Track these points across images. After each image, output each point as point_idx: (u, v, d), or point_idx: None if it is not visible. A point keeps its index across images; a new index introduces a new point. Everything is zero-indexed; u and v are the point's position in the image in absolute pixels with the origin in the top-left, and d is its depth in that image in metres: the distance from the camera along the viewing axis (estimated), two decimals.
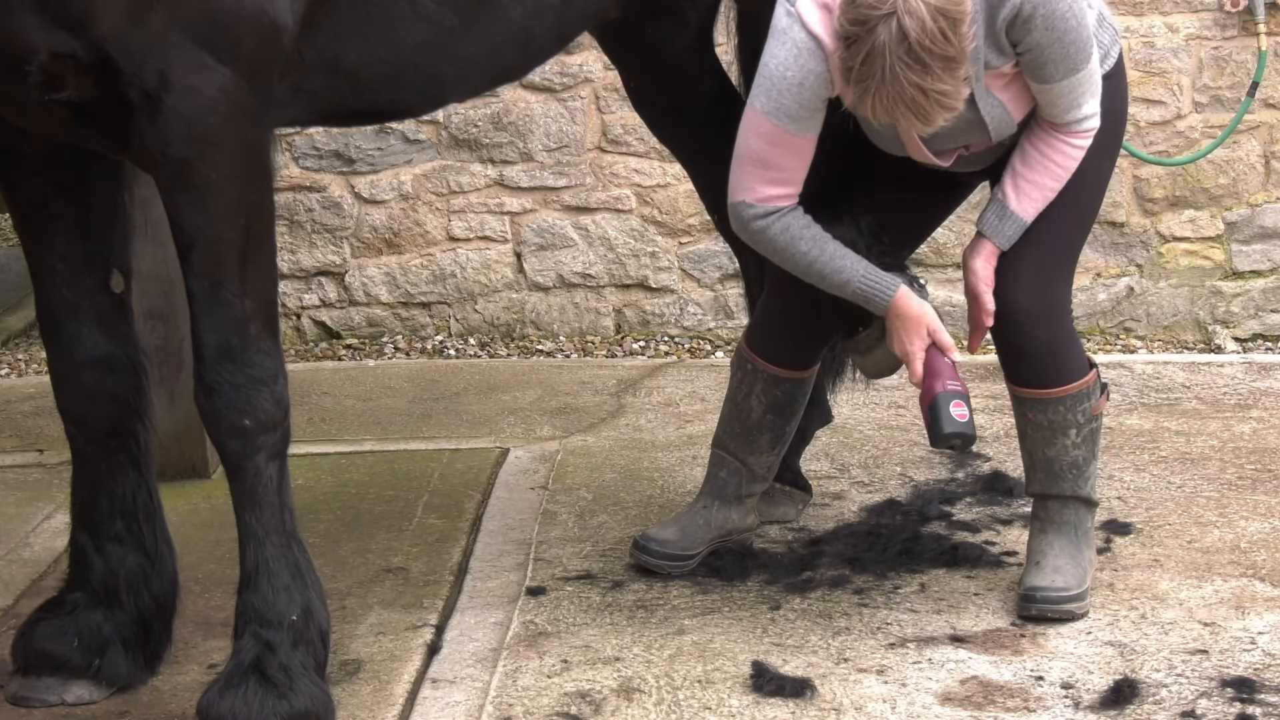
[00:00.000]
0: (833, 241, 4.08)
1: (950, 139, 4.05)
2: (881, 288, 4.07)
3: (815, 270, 4.09)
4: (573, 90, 6.86)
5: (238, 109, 3.47)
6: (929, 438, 4.15)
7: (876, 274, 4.07)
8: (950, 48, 3.69)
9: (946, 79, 3.71)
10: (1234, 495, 4.97)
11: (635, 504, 5.04)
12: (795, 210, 4.06)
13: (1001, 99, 3.99)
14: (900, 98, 3.71)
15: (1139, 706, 3.77)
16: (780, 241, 4.07)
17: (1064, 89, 3.96)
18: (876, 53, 3.68)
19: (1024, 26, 3.87)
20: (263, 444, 3.63)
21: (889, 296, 4.07)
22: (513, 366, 6.63)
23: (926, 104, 3.72)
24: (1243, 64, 6.72)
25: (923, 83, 3.69)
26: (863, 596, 4.36)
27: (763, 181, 4.03)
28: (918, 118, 3.76)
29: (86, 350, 3.86)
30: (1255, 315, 6.89)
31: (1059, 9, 3.86)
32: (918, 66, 3.67)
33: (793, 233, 4.06)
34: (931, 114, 3.75)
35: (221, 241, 3.52)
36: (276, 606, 3.67)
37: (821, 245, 4.06)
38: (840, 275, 4.08)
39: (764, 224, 4.06)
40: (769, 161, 4.02)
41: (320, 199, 6.91)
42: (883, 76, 3.69)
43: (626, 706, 3.84)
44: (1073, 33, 3.89)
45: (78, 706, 3.89)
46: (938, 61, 3.68)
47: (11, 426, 5.94)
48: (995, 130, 4.04)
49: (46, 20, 3.32)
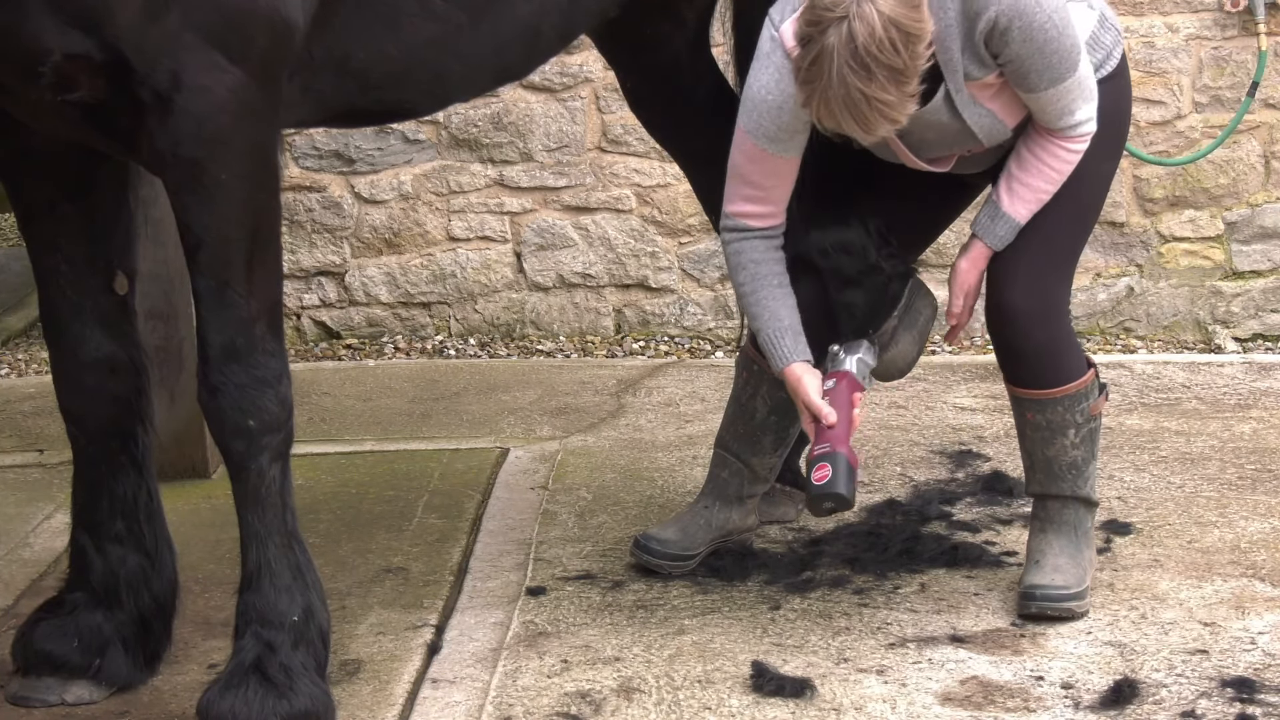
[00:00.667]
0: (774, 290, 4.12)
1: (941, 147, 4.06)
2: (774, 357, 4.13)
3: (742, 304, 4.22)
4: (573, 90, 6.86)
5: (248, 109, 3.47)
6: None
7: (784, 340, 4.11)
8: (898, 59, 3.68)
9: (890, 90, 3.70)
10: (1234, 495, 4.97)
11: (635, 504, 5.04)
12: (761, 239, 4.12)
13: (991, 108, 3.99)
14: (843, 102, 3.71)
15: (1139, 706, 3.77)
16: (730, 261, 4.18)
17: (1050, 97, 3.95)
18: (824, 55, 3.69)
19: (1001, 38, 3.86)
20: (266, 444, 3.64)
21: (780, 365, 4.13)
22: (513, 366, 6.64)
23: (868, 111, 3.72)
24: (1243, 64, 6.72)
25: (865, 89, 3.68)
26: (863, 596, 4.36)
27: (740, 197, 4.12)
28: (859, 124, 3.76)
29: (89, 351, 3.86)
30: (1255, 315, 6.89)
31: (1036, 20, 3.84)
32: (862, 72, 3.67)
33: (740, 259, 4.14)
34: (872, 122, 3.74)
35: (229, 242, 3.53)
36: (278, 607, 3.67)
37: (756, 284, 4.13)
38: (756, 320, 4.17)
39: (728, 238, 4.16)
40: (748, 179, 4.09)
41: (320, 199, 6.91)
42: (828, 79, 3.70)
43: (626, 706, 3.84)
44: (1053, 43, 3.87)
45: (78, 706, 3.89)
46: (883, 70, 3.67)
47: (11, 426, 5.94)
48: (987, 138, 4.04)
49: (61, 21, 3.32)
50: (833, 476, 3.97)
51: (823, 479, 3.98)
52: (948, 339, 4.34)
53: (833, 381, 4.11)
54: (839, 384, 4.11)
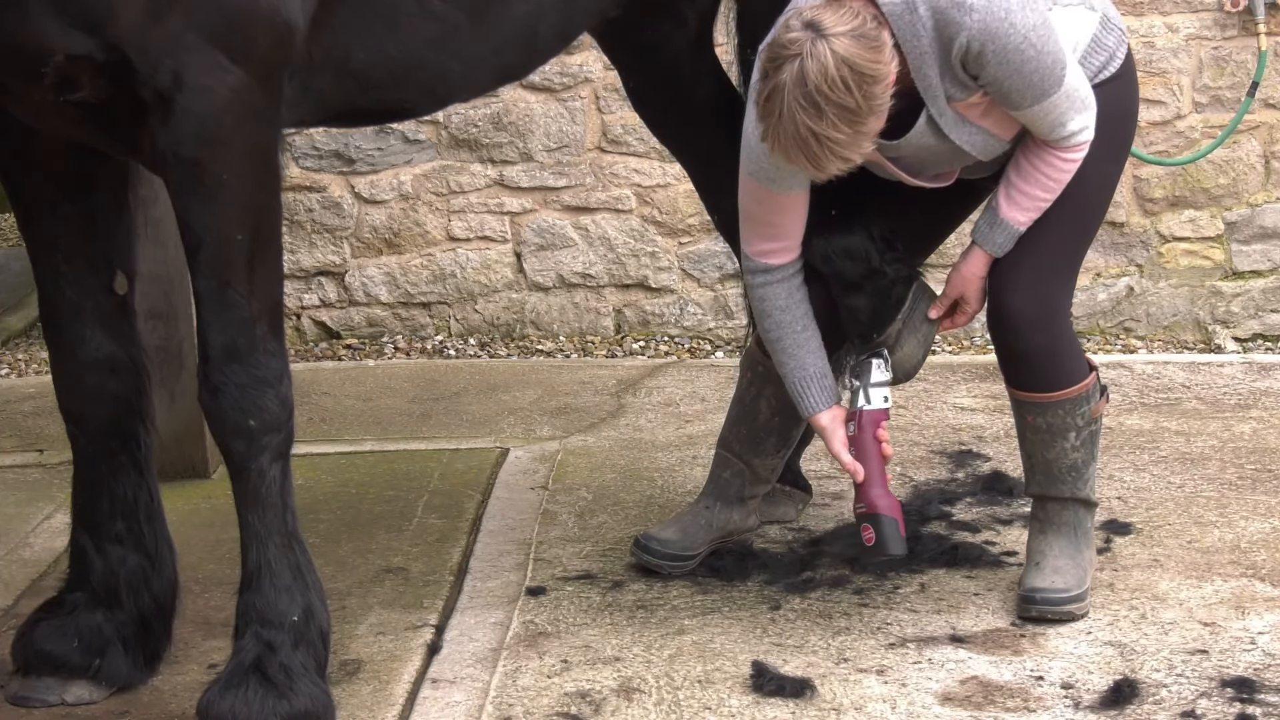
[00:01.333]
0: (798, 336, 4.17)
1: (938, 165, 4.06)
2: (802, 404, 4.19)
3: (769, 349, 4.25)
4: (573, 90, 6.86)
5: (250, 109, 3.48)
6: None
7: (810, 388, 4.17)
8: (849, 99, 3.68)
9: (842, 128, 3.70)
10: (1234, 495, 4.97)
11: (635, 504, 5.04)
12: (784, 282, 4.16)
13: (983, 125, 3.97)
14: (793, 138, 3.72)
15: (1139, 706, 3.77)
16: (757, 307, 4.23)
17: (1037, 113, 3.92)
18: (777, 91, 3.71)
19: (976, 62, 3.84)
20: (267, 445, 3.64)
21: (806, 414, 4.20)
22: (513, 366, 6.64)
23: (819, 149, 3.72)
24: (1243, 64, 6.73)
25: (815, 127, 3.68)
26: (863, 596, 4.36)
27: (756, 236, 4.15)
28: (810, 162, 3.76)
29: (89, 351, 3.86)
30: (1255, 315, 6.89)
31: (1010, 43, 3.80)
32: (812, 110, 3.68)
33: (765, 306, 4.19)
34: (823, 161, 3.75)
35: (230, 242, 3.53)
36: (278, 607, 3.67)
37: (782, 332, 4.18)
38: (782, 368, 4.21)
39: (753, 281, 4.21)
40: (760, 219, 4.13)
41: (320, 199, 6.91)
42: (780, 115, 3.71)
43: (626, 706, 3.84)
44: (1031, 63, 3.83)
45: (78, 706, 3.89)
46: (833, 109, 3.68)
47: (11, 426, 5.94)
48: (982, 153, 4.03)
49: (65, 22, 3.32)
50: (878, 540, 4.13)
51: (870, 541, 4.14)
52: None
53: (853, 426, 4.16)
54: (861, 425, 4.16)
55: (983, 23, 3.79)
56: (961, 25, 3.79)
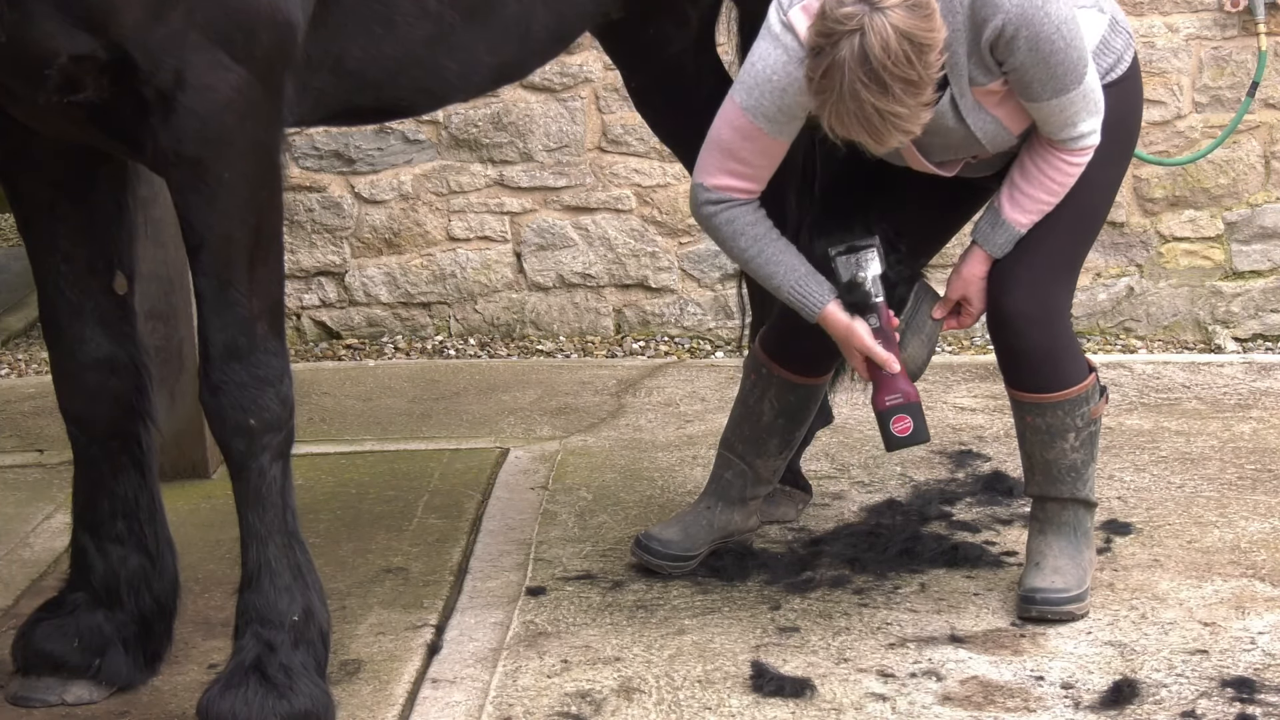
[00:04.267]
0: (776, 244, 4.08)
1: (947, 151, 4.05)
2: (810, 301, 4.09)
3: (752, 269, 4.12)
4: (573, 90, 6.86)
5: (251, 108, 3.48)
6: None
7: (808, 286, 4.08)
8: (912, 71, 3.66)
9: (906, 101, 3.68)
10: (1234, 495, 4.97)
11: (635, 504, 5.04)
12: (747, 205, 4.07)
13: (997, 115, 3.97)
14: (855, 115, 3.69)
15: (1139, 706, 3.77)
16: (724, 231, 4.09)
17: (1054, 108, 3.93)
18: (836, 67, 3.67)
19: (1007, 47, 3.84)
20: (267, 444, 3.64)
21: (815, 311, 4.10)
22: (513, 366, 6.64)
23: (881, 125, 3.70)
24: (1243, 64, 6.72)
25: (878, 103, 3.66)
26: (863, 596, 4.36)
27: (724, 171, 4.05)
28: (871, 137, 3.75)
29: (89, 351, 3.86)
30: (1255, 315, 6.89)
31: (1044, 31, 3.81)
32: (875, 86, 3.65)
33: (736, 226, 4.07)
34: (885, 135, 3.73)
35: (232, 241, 3.53)
36: (278, 606, 3.67)
37: (760, 246, 4.07)
38: (773, 280, 4.10)
39: (711, 210, 4.08)
40: (735, 154, 4.03)
41: (320, 199, 6.91)
42: (840, 92, 3.68)
43: (626, 706, 3.84)
44: (1059, 54, 3.84)
45: (78, 706, 3.89)
46: (898, 84, 3.66)
47: (11, 426, 5.94)
48: (991, 144, 4.03)
49: (68, 24, 3.33)
50: (915, 429, 4.14)
51: (905, 431, 4.14)
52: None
53: (874, 318, 4.13)
54: (882, 317, 4.14)
55: (1020, 8, 3.80)
56: (999, 7, 3.80)
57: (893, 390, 4.12)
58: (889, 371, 4.11)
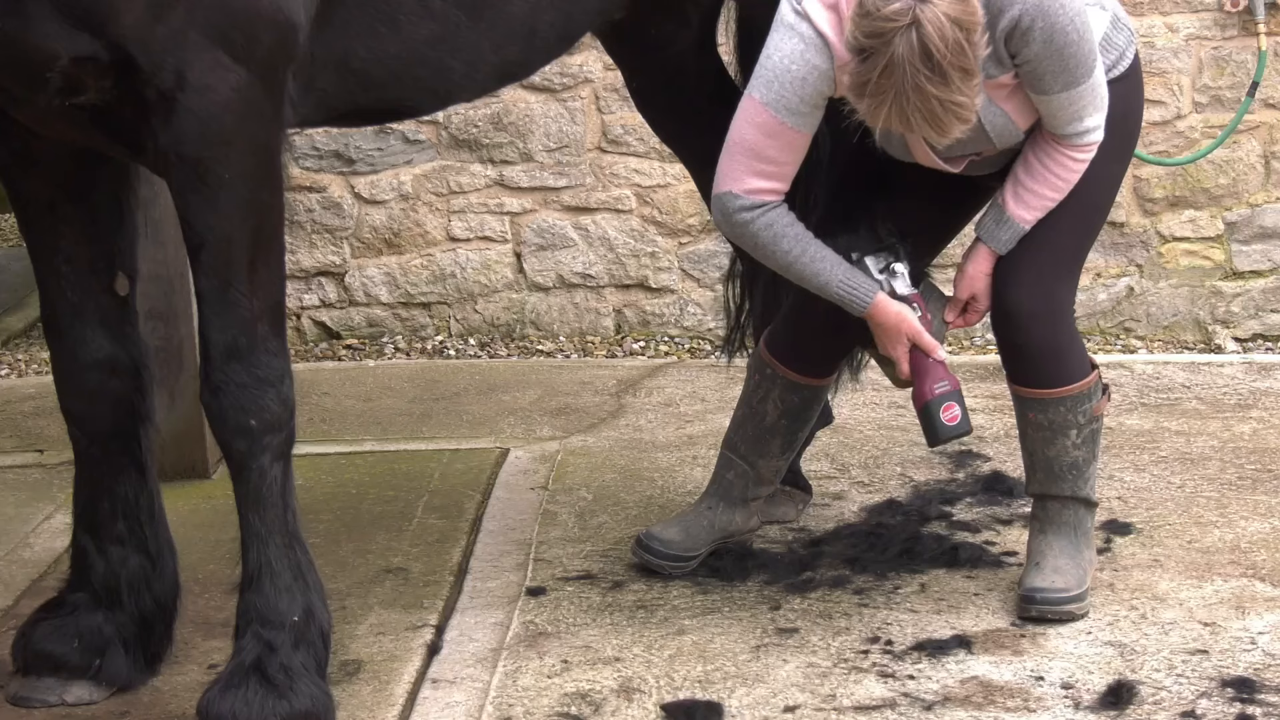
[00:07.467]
0: (815, 242, 4.06)
1: (956, 147, 4.04)
2: (859, 294, 4.07)
3: (795, 270, 4.08)
4: (573, 90, 6.86)
5: (252, 108, 3.48)
6: (926, 439, 4.21)
7: (856, 279, 4.07)
8: (966, 59, 3.67)
9: (965, 90, 3.69)
10: (1234, 495, 4.97)
11: (635, 504, 5.04)
12: (780, 207, 4.04)
13: (1005, 109, 3.98)
14: (920, 110, 3.68)
15: (1139, 706, 3.77)
16: (763, 237, 4.05)
17: (1063, 101, 3.94)
18: (895, 65, 3.64)
19: (1022, 38, 3.84)
20: (268, 444, 3.64)
21: (866, 303, 4.08)
22: (513, 366, 6.64)
23: (944, 116, 3.70)
24: (1243, 64, 6.73)
25: (941, 95, 3.66)
26: (863, 597, 4.36)
27: (752, 173, 4.01)
28: (934, 129, 3.74)
29: (90, 352, 3.86)
30: (1255, 315, 6.90)
31: (1059, 23, 3.82)
32: (938, 79, 3.65)
33: (776, 230, 4.04)
34: (948, 125, 3.73)
35: (232, 241, 3.53)
36: (278, 607, 3.67)
37: (804, 245, 4.05)
38: (819, 278, 4.07)
39: (748, 217, 4.03)
40: (762, 153, 3.99)
41: (320, 199, 6.91)
42: (902, 89, 3.66)
43: (626, 707, 3.84)
44: (1073, 47, 3.85)
45: (78, 707, 3.89)
46: (957, 73, 3.66)
47: (11, 426, 5.94)
48: (999, 139, 4.03)
49: (69, 25, 3.33)
50: (963, 417, 4.14)
51: (954, 420, 4.14)
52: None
53: (917, 306, 4.14)
54: (923, 308, 4.15)
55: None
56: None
57: (938, 378, 4.13)
58: (935, 359, 4.11)
